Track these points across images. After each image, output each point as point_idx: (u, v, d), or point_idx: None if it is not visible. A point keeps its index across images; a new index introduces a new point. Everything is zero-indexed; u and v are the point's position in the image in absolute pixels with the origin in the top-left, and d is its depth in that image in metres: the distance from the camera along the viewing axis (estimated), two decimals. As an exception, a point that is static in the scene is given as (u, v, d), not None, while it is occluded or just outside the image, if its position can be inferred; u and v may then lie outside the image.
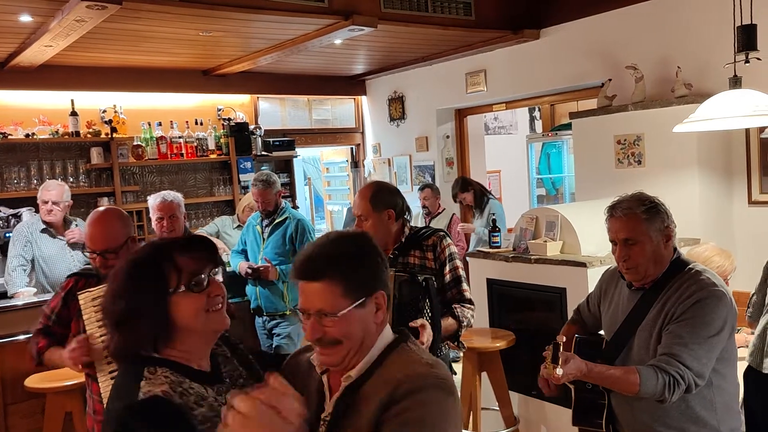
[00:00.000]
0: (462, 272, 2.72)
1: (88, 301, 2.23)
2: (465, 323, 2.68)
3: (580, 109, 5.36)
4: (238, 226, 5.00)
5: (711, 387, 2.06)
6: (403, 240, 2.71)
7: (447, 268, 2.68)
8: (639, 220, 2.10)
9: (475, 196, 5.70)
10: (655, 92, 4.50)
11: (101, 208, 2.62)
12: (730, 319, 2.04)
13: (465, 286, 2.71)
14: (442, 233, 2.75)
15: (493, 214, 5.38)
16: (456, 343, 2.78)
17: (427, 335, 2.40)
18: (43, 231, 4.10)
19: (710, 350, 2.00)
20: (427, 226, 2.89)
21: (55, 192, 4.08)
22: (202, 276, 1.45)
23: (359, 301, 1.38)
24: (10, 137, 5.30)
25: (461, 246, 5.74)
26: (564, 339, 2.07)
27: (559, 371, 1.95)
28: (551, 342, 2.03)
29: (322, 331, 1.37)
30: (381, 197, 2.67)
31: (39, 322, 2.52)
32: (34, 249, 4.07)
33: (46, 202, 4.06)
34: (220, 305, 1.48)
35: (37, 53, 4.76)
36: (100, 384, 2.19)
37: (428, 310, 2.47)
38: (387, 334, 1.46)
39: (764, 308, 2.69)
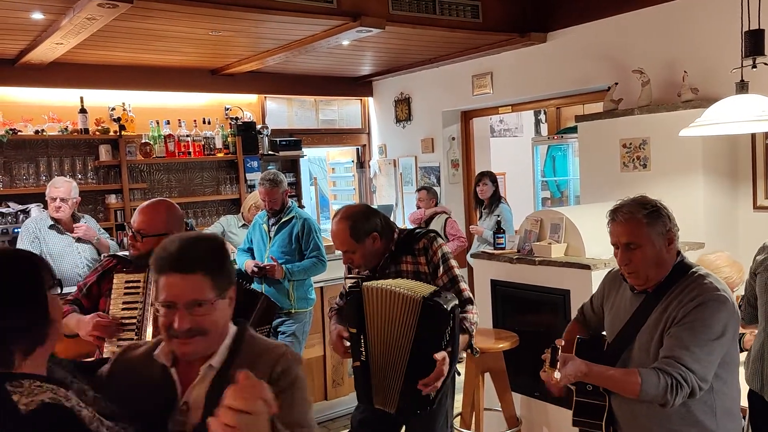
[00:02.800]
0: (457, 271, 2.65)
1: (122, 282, 2.35)
2: (473, 330, 2.63)
3: (586, 112, 5.37)
4: (243, 225, 5.02)
5: (712, 392, 2.05)
6: (393, 248, 2.67)
7: (441, 270, 2.62)
8: (640, 224, 2.09)
9: (493, 194, 5.73)
10: (661, 96, 4.50)
11: (158, 198, 2.71)
12: (731, 324, 2.03)
13: (463, 285, 2.64)
14: (432, 234, 2.69)
15: (498, 215, 5.39)
16: (470, 350, 2.74)
17: (442, 371, 2.36)
18: (51, 227, 4.13)
19: (711, 353, 1.99)
20: (420, 227, 2.84)
21: (63, 189, 4.11)
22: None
23: (224, 294, 1.54)
24: (20, 133, 5.33)
25: (461, 239, 5.71)
26: (563, 342, 2.07)
27: (557, 375, 1.95)
28: (550, 345, 2.03)
29: (193, 321, 1.48)
30: (360, 228, 2.59)
31: (72, 294, 2.64)
32: (41, 245, 4.09)
33: (54, 199, 4.09)
34: None
35: (48, 51, 4.79)
36: (105, 349, 2.32)
37: (447, 339, 2.40)
38: (230, 324, 1.61)
39: (760, 325, 2.66)
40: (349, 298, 2.51)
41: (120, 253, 2.80)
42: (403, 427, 2.78)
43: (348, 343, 2.60)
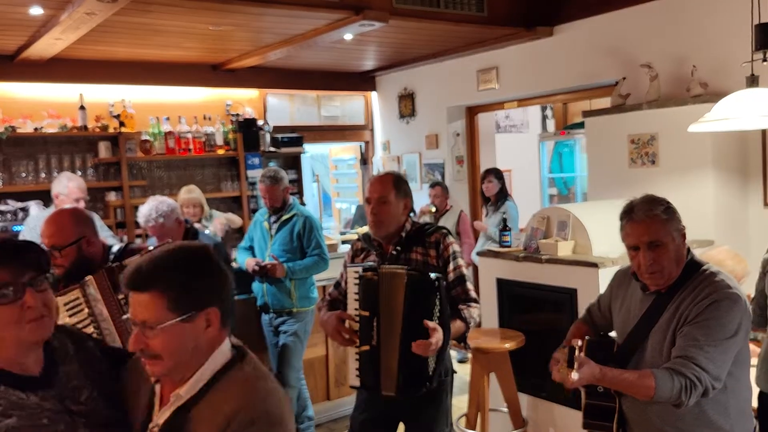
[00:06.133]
0: (465, 271, 2.69)
1: (62, 306, 2.20)
2: (472, 324, 2.66)
3: (593, 107, 5.31)
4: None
5: (725, 391, 2.02)
6: (404, 235, 2.68)
7: (450, 267, 2.65)
8: (661, 221, 2.06)
9: (499, 190, 5.68)
10: (669, 91, 4.43)
11: (58, 209, 2.61)
12: (744, 322, 2.01)
13: (469, 285, 2.68)
14: (444, 231, 2.72)
15: (504, 212, 5.34)
16: (462, 344, 2.75)
17: (437, 338, 2.37)
18: None
19: (725, 352, 1.97)
20: (430, 223, 2.86)
21: (84, 189, 4.04)
22: (9, 288, 1.37)
23: (185, 316, 1.35)
24: (18, 130, 5.29)
25: (469, 243, 5.70)
26: (579, 343, 2.03)
27: (575, 375, 1.91)
28: (563, 345, 1.99)
29: (143, 343, 1.36)
30: (403, 186, 2.71)
31: None
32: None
33: (78, 201, 3.96)
34: (37, 316, 1.40)
35: (47, 46, 4.75)
36: None
37: (438, 311, 2.43)
38: (222, 353, 1.43)
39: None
40: (364, 281, 2.52)
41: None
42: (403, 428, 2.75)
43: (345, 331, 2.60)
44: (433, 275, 2.44)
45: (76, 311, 2.21)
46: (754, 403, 2.41)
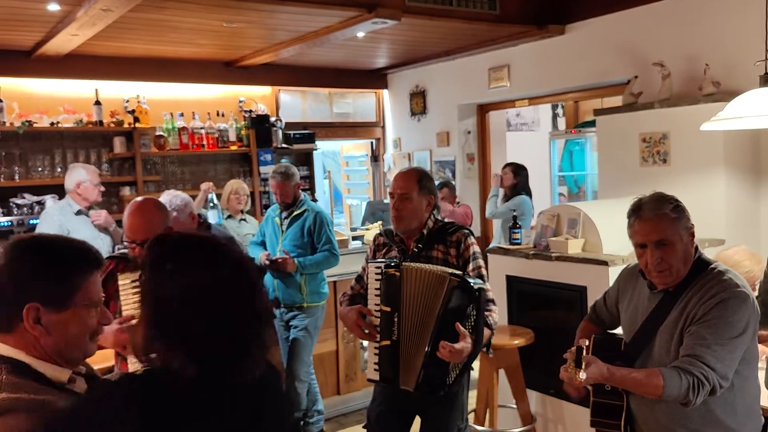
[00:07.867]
0: (485, 272, 2.69)
1: (128, 281, 2.30)
2: (494, 328, 2.66)
3: (604, 106, 5.30)
4: (229, 216, 4.95)
5: (733, 389, 2.02)
6: (425, 232, 2.69)
7: (470, 267, 2.65)
8: (669, 219, 2.06)
9: (515, 184, 5.69)
10: (682, 90, 4.42)
11: (139, 199, 2.62)
12: (752, 321, 2.01)
13: (488, 285, 2.68)
14: (466, 231, 2.73)
15: (513, 210, 5.33)
16: (484, 348, 2.75)
17: (464, 345, 2.37)
18: (78, 213, 4.08)
19: (733, 351, 1.97)
20: (452, 222, 2.86)
21: (98, 173, 4.18)
22: None
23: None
24: (35, 125, 5.35)
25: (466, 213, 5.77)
26: (587, 343, 2.03)
27: (582, 375, 1.91)
28: (574, 345, 2.00)
29: None
30: (427, 182, 2.71)
31: None
32: (68, 232, 3.99)
33: (97, 185, 4.13)
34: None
35: (64, 42, 4.81)
36: (129, 365, 2.24)
37: (473, 320, 2.43)
38: None
39: None
40: (386, 277, 2.53)
41: (115, 254, 2.72)
42: (419, 421, 2.77)
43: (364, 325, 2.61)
44: (474, 284, 2.43)
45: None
46: (764, 403, 2.41)
